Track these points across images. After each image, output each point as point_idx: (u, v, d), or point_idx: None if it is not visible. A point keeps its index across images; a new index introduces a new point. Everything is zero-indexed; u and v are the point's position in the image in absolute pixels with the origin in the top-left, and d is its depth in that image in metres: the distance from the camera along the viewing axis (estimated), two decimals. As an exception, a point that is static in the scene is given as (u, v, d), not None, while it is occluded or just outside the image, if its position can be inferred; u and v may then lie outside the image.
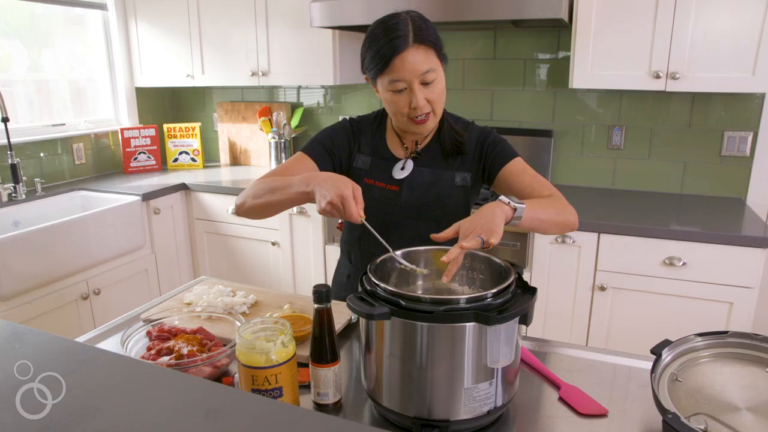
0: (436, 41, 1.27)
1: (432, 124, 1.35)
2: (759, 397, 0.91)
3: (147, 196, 2.89)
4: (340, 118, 3.32)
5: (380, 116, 1.49)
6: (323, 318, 1.00)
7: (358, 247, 1.50)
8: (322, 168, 1.42)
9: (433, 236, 1.10)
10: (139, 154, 3.47)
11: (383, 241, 1.13)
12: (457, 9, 2.30)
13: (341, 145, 1.46)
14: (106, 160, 3.45)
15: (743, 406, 0.90)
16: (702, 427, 0.85)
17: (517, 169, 1.39)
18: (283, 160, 3.34)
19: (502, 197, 1.14)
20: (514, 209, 1.12)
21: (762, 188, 2.55)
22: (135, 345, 1.19)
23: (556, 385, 1.10)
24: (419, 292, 1.15)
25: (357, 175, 1.45)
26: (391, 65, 1.23)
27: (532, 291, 0.96)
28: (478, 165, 1.43)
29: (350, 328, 1.35)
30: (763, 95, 2.47)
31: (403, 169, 1.42)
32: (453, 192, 1.41)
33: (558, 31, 2.74)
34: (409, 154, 1.44)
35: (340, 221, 2.68)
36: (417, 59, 1.23)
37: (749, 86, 2.19)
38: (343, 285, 1.59)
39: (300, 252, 2.91)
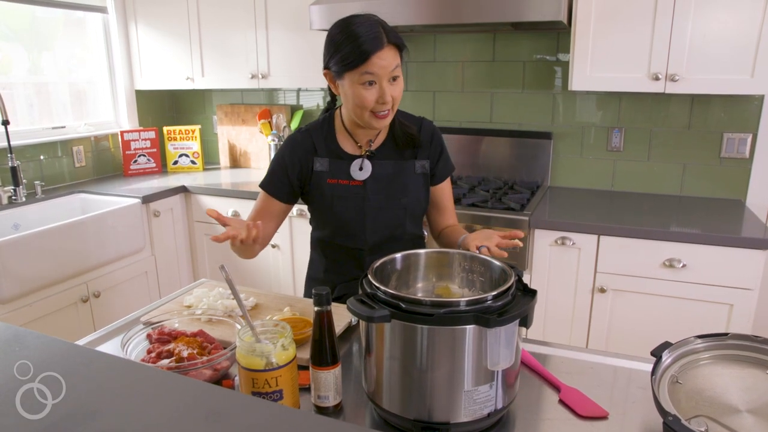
0: (401, 44, 1.40)
1: (389, 119, 1.43)
2: (759, 400, 0.91)
3: (147, 199, 2.90)
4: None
5: (328, 119, 1.55)
6: (323, 321, 1.00)
7: (331, 242, 1.57)
8: (280, 196, 1.53)
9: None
10: (138, 156, 3.47)
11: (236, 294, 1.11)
12: (457, 11, 2.30)
13: (295, 161, 1.51)
14: (106, 163, 3.45)
15: (744, 408, 0.90)
16: (702, 429, 0.85)
17: (448, 188, 1.61)
18: (283, 163, 3.35)
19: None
20: None
21: (761, 190, 2.55)
22: (135, 348, 1.19)
23: (556, 387, 1.10)
24: (419, 294, 1.15)
25: (319, 178, 1.50)
26: (368, 62, 1.32)
27: (532, 293, 0.96)
28: (432, 157, 1.55)
29: (350, 330, 1.35)
30: (762, 97, 2.47)
31: (361, 169, 1.49)
32: (416, 179, 1.52)
33: (557, 34, 2.75)
34: (363, 153, 1.51)
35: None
36: (390, 57, 1.35)
37: (748, 88, 2.19)
38: (320, 281, 1.63)
39: (300, 255, 2.91)
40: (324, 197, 1.50)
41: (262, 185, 1.55)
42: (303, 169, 1.51)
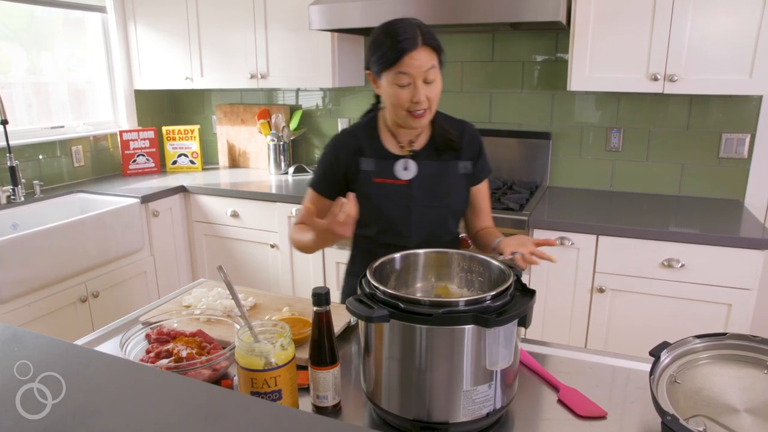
0: (439, 46, 1.41)
1: (427, 119, 1.44)
2: (757, 399, 0.91)
3: (146, 199, 2.89)
4: (339, 124, 3.34)
5: (371, 120, 1.57)
6: (322, 321, 1.00)
7: (375, 240, 1.57)
8: (331, 194, 1.54)
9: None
10: (138, 156, 3.47)
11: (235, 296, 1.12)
12: (456, 12, 2.30)
13: (342, 161, 1.54)
14: (105, 163, 3.45)
15: (742, 408, 0.90)
16: (701, 429, 0.85)
17: (485, 190, 1.63)
18: (282, 163, 3.36)
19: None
20: None
21: (760, 190, 2.56)
22: (134, 348, 1.19)
23: (555, 387, 1.10)
24: (418, 294, 1.16)
25: (366, 177, 1.52)
26: (401, 61, 1.35)
27: (531, 293, 0.97)
28: (474, 159, 1.57)
29: (349, 330, 1.35)
30: (760, 97, 2.47)
31: (406, 169, 1.51)
32: (458, 180, 1.54)
33: (556, 34, 2.75)
34: (406, 153, 1.52)
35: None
36: (423, 58, 1.36)
37: (746, 88, 2.19)
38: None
39: (299, 255, 2.91)
40: (370, 196, 1.51)
41: (313, 185, 1.59)
42: (349, 168, 1.53)
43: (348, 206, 1.27)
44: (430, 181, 1.52)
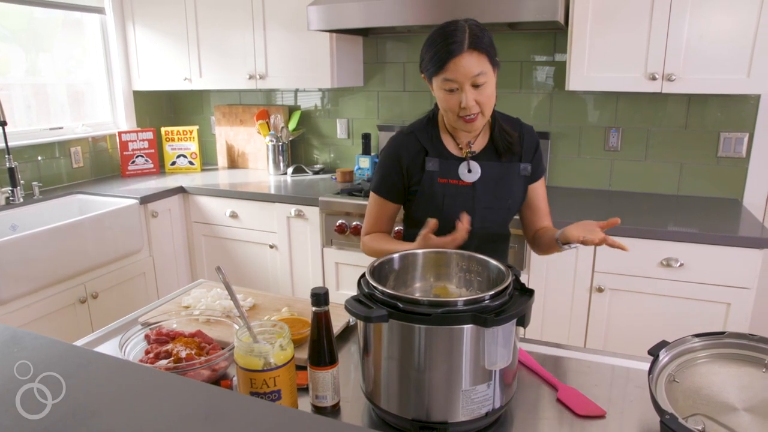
0: (489, 49, 1.36)
1: (480, 123, 1.43)
2: (756, 398, 0.91)
3: (145, 200, 2.89)
4: (337, 125, 3.34)
5: (432, 120, 1.56)
6: (321, 321, 1.00)
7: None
8: (394, 197, 1.56)
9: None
10: (136, 157, 3.47)
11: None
12: (453, 12, 2.30)
13: (403, 162, 1.53)
14: (104, 164, 3.45)
15: (740, 407, 0.90)
16: (699, 427, 0.85)
17: (542, 189, 1.60)
18: (281, 164, 3.36)
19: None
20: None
21: (758, 189, 2.56)
22: (133, 348, 1.19)
23: (554, 386, 1.10)
24: (417, 294, 1.16)
25: (430, 177, 1.51)
26: (446, 67, 1.34)
27: (530, 293, 0.97)
28: (533, 157, 1.56)
29: (348, 330, 1.35)
30: (758, 96, 2.48)
31: (470, 171, 1.50)
32: (518, 181, 1.54)
33: (554, 34, 2.75)
34: (465, 154, 1.52)
35: (339, 223, 2.68)
36: (470, 63, 1.33)
37: (744, 88, 2.19)
38: None
39: (298, 255, 2.91)
40: (434, 196, 1.50)
41: (375, 189, 1.58)
42: (411, 169, 1.52)
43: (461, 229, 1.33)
44: (493, 183, 1.51)
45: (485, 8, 2.26)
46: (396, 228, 2.41)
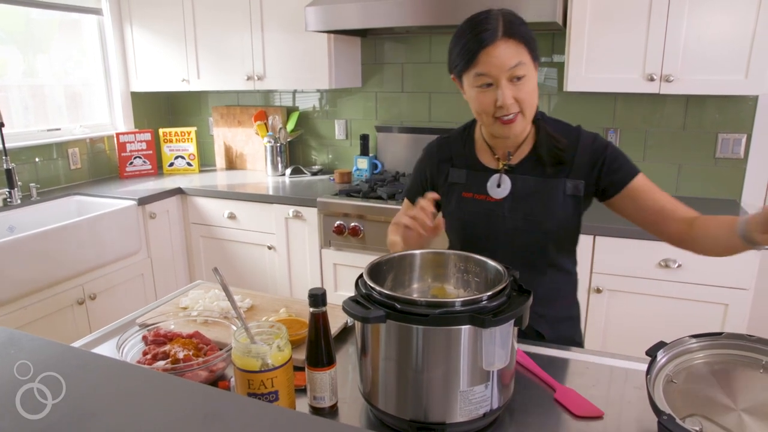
0: (527, 37, 1.18)
1: (521, 126, 1.24)
2: (753, 398, 0.91)
3: (143, 201, 2.89)
4: (335, 126, 3.33)
5: (469, 127, 1.42)
6: (319, 322, 1.00)
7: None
8: None
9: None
10: (134, 158, 3.46)
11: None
12: (452, 13, 2.31)
13: (429, 171, 1.43)
14: (102, 165, 3.44)
15: (738, 407, 0.90)
16: (697, 428, 0.85)
17: (644, 185, 1.26)
18: (279, 165, 3.36)
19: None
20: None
21: (756, 190, 2.56)
22: (131, 350, 1.19)
23: (551, 387, 1.10)
24: (415, 295, 1.16)
25: (453, 190, 1.37)
26: (477, 59, 1.17)
27: (527, 293, 0.97)
28: (591, 175, 1.28)
29: (346, 331, 1.35)
30: (756, 98, 2.48)
31: (499, 186, 1.31)
32: (564, 202, 1.28)
33: (552, 35, 2.75)
34: (501, 167, 1.32)
35: (337, 224, 2.68)
36: (505, 53, 1.16)
37: (742, 89, 2.20)
38: None
39: (296, 256, 2.91)
40: (457, 211, 1.35)
41: (406, 194, 1.51)
42: (436, 178, 1.41)
43: (424, 206, 1.17)
44: (526, 201, 1.29)
45: (482, 9, 2.25)
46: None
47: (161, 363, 1.10)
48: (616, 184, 1.26)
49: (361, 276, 1.01)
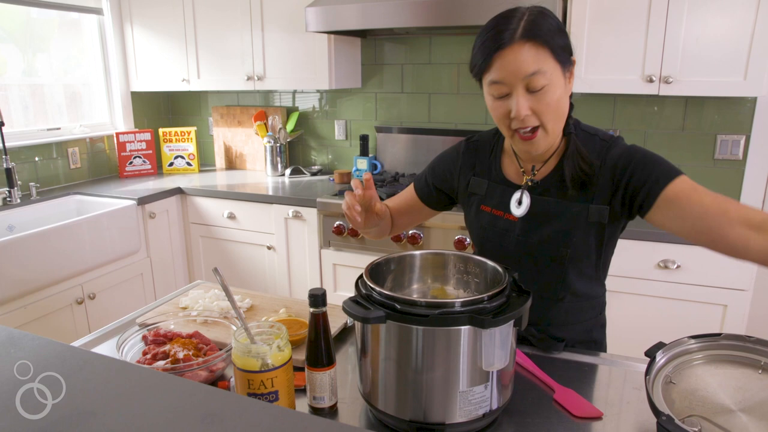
0: (551, 39, 1.03)
1: (544, 143, 1.10)
2: (752, 399, 0.91)
3: (142, 201, 2.89)
4: (335, 126, 3.33)
5: (499, 133, 1.28)
6: (319, 322, 1.00)
7: None
8: (422, 197, 1.39)
9: None
10: (134, 158, 3.46)
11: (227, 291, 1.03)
12: (452, 14, 2.31)
13: (448, 172, 1.33)
14: (102, 165, 3.44)
15: (737, 408, 0.90)
16: (696, 429, 0.86)
17: (682, 190, 1.06)
18: (279, 165, 3.36)
19: None
20: None
21: (755, 191, 2.57)
22: (131, 349, 1.19)
23: (551, 388, 1.10)
24: (415, 295, 1.16)
25: (472, 201, 1.28)
26: (491, 63, 1.04)
27: (527, 294, 0.97)
28: (614, 195, 1.14)
29: (346, 331, 1.35)
30: (754, 99, 2.48)
31: (520, 204, 1.19)
32: (586, 229, 1.15)
33: (552, 36, 2.75)
34: (524, 182, 1.20)
35: (336, 224, 2.68)
36: (522, 58, 1.02)
37: (741, 90, 2.20)
38: None
39: (296, 256, 2.91)
40: (475, 223, 1.27)
41: (414, 180, 1.40)
42: (453, 183, 1.32)
43: (356, 194, 1.13)
44: (542, 225, 1.17)
45: (482, 10, 2.26)
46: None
47: (161, 363, 1.10)
48: (648, 197, 1.09)
49: (361, 276, 1.02)
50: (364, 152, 3.16)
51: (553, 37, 1.03)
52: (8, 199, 2.75)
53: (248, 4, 2.99)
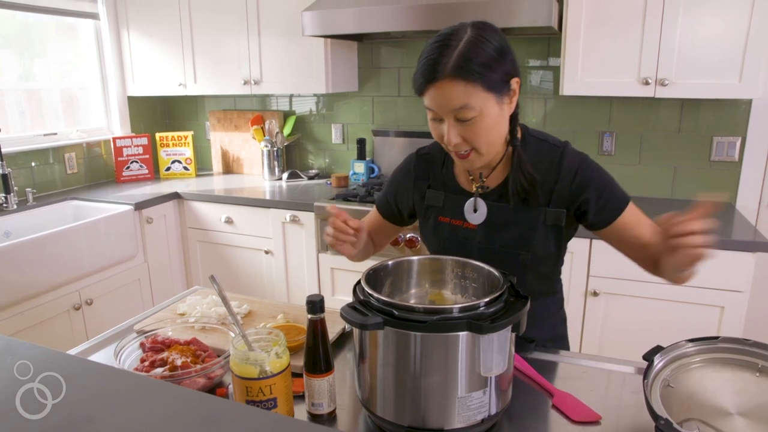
0: (483, 72, 1.04)
1: (479, 162, 1.16)
2: (750, 402, 0.92)
3: (139, 206, 2.89)
4: (332, 130, 3.33)
5: None
6: (317, 328, 1.00)
7: None
8: (386, 215, 1.42)
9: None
10: (131, 163, 3.46)
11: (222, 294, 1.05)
12: (447, 18, 2.31)
13: (403, 192, 1.36)
14: (98, 170, 3.44)
15: (734, 411, 0.90)
16: (694, 432, 0.86)
17: (630, 221, 1.19)
18: (276, 169, 3.36)
19: None
20: None
21: (751, 193, 2.58)
22: (128, 356, 1.19)
23: (549, 392, 1.10)
24: (412, 301, 1.16)
25: (430, 213, 1.31)
26: (425, 92, 1.10)
27: (525, 299, 0.97)
28: (572, 207, 1.20)
29: (344, 337, 1.35)
30: (750, 101, 2.50)
31: (476, 211, 1.23)
32: (543, 232, 1.20)
33: (548, 39, 2.76)
34: (475, 189, 1.25)
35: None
36: (450, 94, 1.06)
37: (736, 92, 2.21)
38: None
39: (293, 260, 2.91)
40: (433, 236, 1.30)
41: (377, 201, 1.44)
42: (411, 197, 1.35)
43: (333, 221, 1.16)
44: (501, 230, 1.21)
45: (478, 14, 2.27)
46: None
47: (159, 370, 1.10)
48: (601, 221, 1.20)
49: (359, 282, 1.02)
50: (361, 156, 3.16)
51: (484, 70, 1.05)
52: (4, 204, 2.74)
53: (245, 8, 2.99)
